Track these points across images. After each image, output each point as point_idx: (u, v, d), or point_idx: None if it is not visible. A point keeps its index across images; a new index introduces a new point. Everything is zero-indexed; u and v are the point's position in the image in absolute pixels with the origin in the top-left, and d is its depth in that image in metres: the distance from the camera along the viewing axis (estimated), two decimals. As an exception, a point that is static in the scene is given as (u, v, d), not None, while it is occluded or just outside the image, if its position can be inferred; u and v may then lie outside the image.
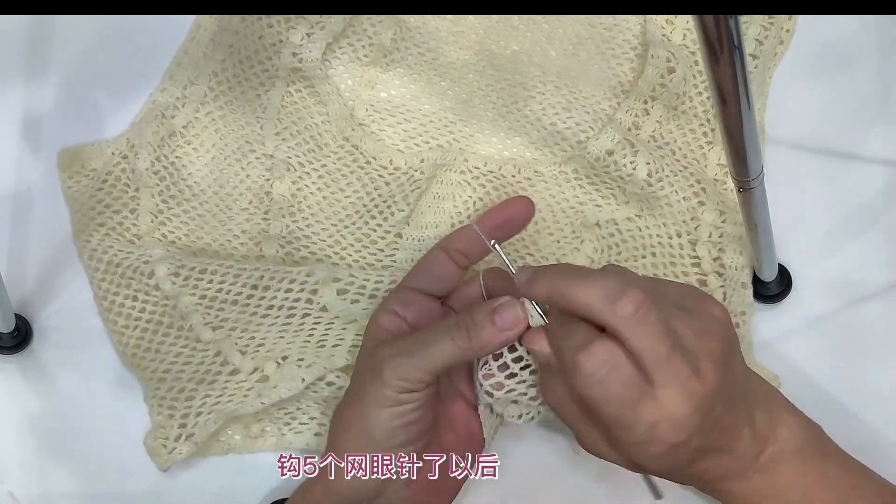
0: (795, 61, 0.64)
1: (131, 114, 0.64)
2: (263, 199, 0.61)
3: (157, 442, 0.55)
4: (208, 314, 0.57)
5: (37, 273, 0.61)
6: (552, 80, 0.63)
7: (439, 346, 0.46)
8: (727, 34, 0.39)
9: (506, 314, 0.46)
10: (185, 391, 0.55)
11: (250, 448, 0.57)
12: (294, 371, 0.54)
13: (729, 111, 0.43)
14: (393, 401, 0.47)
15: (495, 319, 0.46)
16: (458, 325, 0.46)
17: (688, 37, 0.63)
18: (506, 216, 0.52)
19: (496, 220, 0.52)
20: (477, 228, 0.51)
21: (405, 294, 0.52)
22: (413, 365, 0.46)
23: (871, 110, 0.63)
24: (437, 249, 0.53)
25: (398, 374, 0.46)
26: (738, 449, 0.46)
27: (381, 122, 0.63)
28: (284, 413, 0.57)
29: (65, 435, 0.57)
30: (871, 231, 0.61)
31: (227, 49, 0.63)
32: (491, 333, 0.46)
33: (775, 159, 0.61)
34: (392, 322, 0.51)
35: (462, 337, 0.46)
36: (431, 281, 0.52)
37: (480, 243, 0.51)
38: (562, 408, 0.47)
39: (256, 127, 0.62)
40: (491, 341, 0.46)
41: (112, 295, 0.58)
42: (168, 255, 0.58)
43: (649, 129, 0.61)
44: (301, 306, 0.56)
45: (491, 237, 0.49)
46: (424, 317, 0.51)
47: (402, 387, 0.46)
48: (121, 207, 0.61)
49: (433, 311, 0.52)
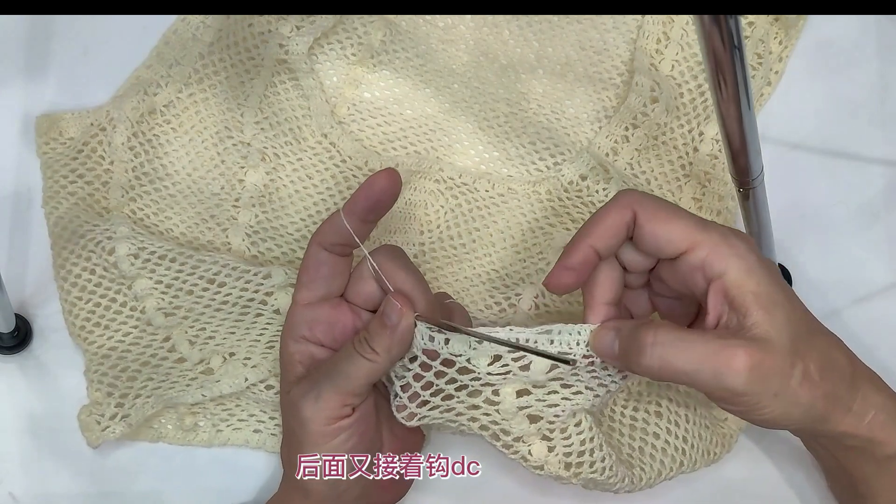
0: (795, 61, 0.64)
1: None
2: (235, 187, 0.61)
3: (91, 417, 0.54)
4: (163, 300, 0.57)
5: (37, 273, 0.60)
6: (536, 99, 0.63)
7: (353, 366, 0.46)
8: (727, 34, 0.39)
9: (390, 314, 0.46)
10: (128, 371, 0.55)
11: (181, 440, 0.56)
12: (239, 369, 0.54)
13: (729, 111, 0.44)
14: (327, 435, 0.47)
15: (384, 321, 0.46)
16: (360, 340, 0.47)
17: (675, 68, 0.63)
18: (373, 198, 0.48)
19: (363, 202, 0.48)
20: (345, 220, 0.48)
21: (305, 313, 0.49)
22: (329, 398, 0.46)
23: (871, 110, 0.64)
24: (314, 248, 0.49)
25: (319, 409, 0.46)
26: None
27: (362, 123, 0.63)
28: (222, 409, 0.56)
29: (65, 435, 0.57)
30: (871, 231, 0.61)
31: (216, 32, 0.63)
32: (388, 336, 0.46)
33: (775, 159, 0.61)
34: (301, 351, 0.49)
35: (365, 349, 0.46)
36: (324, 284, 0.49)
37: (356, 230, 0.48)
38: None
39: (237, 114, 0.62)
40: (392, 343, 0.46)
41: (70, 265, 0.58)
42: (131, 234, 0.58)
43: (627, 157, 0.61)
44: (255, 306, 0.56)
45: (363, 222, 0.48)
46: (337, 327, 0.49)
47: (328, 418, 0.46)
48: (93, 179, 0.61)
49: (342, 317, 0.50)
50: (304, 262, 0.49)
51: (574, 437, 0.48)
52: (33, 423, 0.57)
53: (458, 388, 0.47)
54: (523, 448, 0.48)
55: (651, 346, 0.43)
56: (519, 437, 0.48)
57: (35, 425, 0.57)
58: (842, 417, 0.45)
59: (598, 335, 0.46)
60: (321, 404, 0.46)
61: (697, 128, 0.62)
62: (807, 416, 0.44)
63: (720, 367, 0.42)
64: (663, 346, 0.43)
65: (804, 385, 0.43)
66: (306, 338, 0.49)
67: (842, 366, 0.45)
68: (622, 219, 0.46)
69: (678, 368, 0.43)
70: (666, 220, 0.45)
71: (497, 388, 0.47)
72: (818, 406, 0.44)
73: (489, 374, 0.46)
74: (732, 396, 0.43)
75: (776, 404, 0.43)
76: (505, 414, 0.47)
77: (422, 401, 0.48)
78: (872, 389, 0.46)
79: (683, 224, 0.45)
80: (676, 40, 0.63)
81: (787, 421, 0.44)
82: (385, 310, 0.47)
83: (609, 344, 0.45)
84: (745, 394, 0.43)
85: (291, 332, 0.49)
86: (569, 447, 0.49)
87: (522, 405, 0.47)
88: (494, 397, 0.47)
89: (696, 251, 0.44)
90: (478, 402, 0.47)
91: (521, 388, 0.47)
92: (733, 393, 0.43)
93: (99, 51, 0.66)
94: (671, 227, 0.45)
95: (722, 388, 0.43)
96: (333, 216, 0.49)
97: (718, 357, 0.42)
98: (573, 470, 0.49)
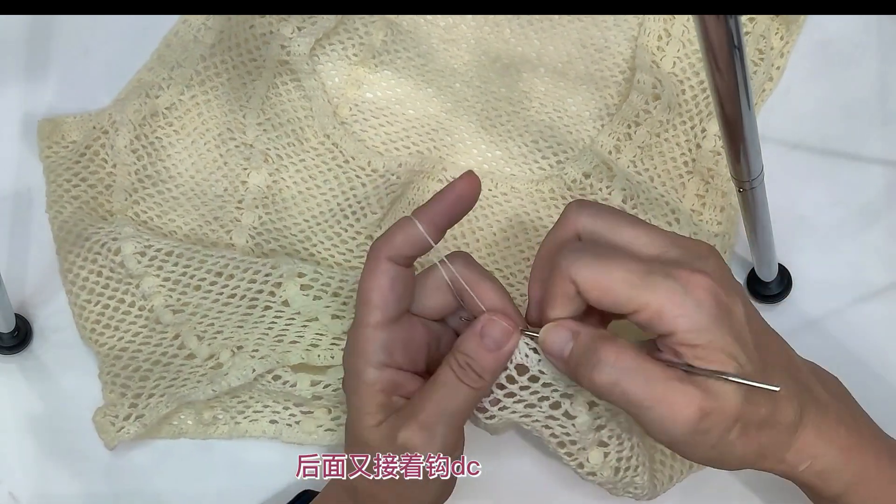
0: (795, 61, 0.64)
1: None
2: (238, 188, 0.61)
3: (106, 419, 0.55)
4: (170, 297, 0.57)
5: (37, 273, 0.61)
6: (538, 98, 0.63)
7: (459, 397, 0.45)
8: (727, 34, 0.39)
9: (495, 333, 0.45)
10: (140, 371, 0.56)
11: (202, 434, 0.57)
12: (247, 361, 0.54)
13: (729, 111, 0.43)
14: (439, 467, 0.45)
15: (488, 344, 0.45)
16: (463, 368, 0.44)
17: (677, 65, 0.63)
18: (453, 203, 0.46)
19: (443, 207, 0.45)
20: (423, 229, 0.45)
21: (382, 337, 0.45)
22: (445, 433, 0.45)
23: (871, 110, 0.63)
24: (385, 264, 0.45)
25: (438, 448, 0.45)
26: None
27: (364, 123, 0.63)
28: (238, 402, 0.57)
29: (65, 435, 0.57)
30: (871, 231, 0.61)
31: (217, 34, 0.63)
32: (494, 359, 0.45)
33: (775, 159, 0.61)
34: (385, 379, 0.46)
35: (473, 379, 0.44)
36: (398, 303, 0.45)
37: (425, 240, 0.45)
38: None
39: (239, 115, 0.62)
40: (494, 364, 0.45)
41: (77, 268, 0.58)
42: (136, 233, 0.58)
43: (630, 155, 0.61)
44: (263, 298, 0.56)
45: (437, 229, 0.45)
46: (412, 346, 0.47)
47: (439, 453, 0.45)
48: (96, 182, 0.61)
49: (415, 332, 0.47)
50: (371, 281, 0.45)
51: (626, 442, 0.49)
52: (33, 423, 0.58)
53: (541, 399, 0.47)
54: (583, 455, 0.48)
55: (610, 366, 0.42)
56: (583, 446, 0.48)
57: (35, 425, 0.58)
58: (775, 465, 0.44)
59: (551, 332, 0.44)
60: (437, 441, 0.45)
61: (700, 124, 0.62)
62: (740, 463, 0.44)
63: (669, 412, 0.41)
64: (622, 371, 0.41)
65: (741, 440, 0.42)
66: (386, 364, 0.45)
67: (786, 416, 0.43)
68: (565, 287, 0.43)
69: (629, 399, 0.42)
70: (605, 286, 0.42)
71: (573, 399, 0.47)
72: (749, 458, 0.43)
73: (569, 385, 0.46)
74: (670, 440, 0.42)
75: (711, 453, 0.43)
76: (580, 427, 0.47)
77: (501, 406, 0.47)
78: (814, 437, 0.44)
79: (621, 284, 0.42)
80: (678, 37, 0.63)
81: (720, 466, 0.44)
82: (486, 330, 0.45)
83: (561, 345, 0.43)
84: (683, 442, 0.42)
85: (368, 360, 0.45)
86: (620, 452, 0.49)
87: (595, 417, 0.47)
88: (572, 411, 0.47)
89: (641, 313, 0.41)
90: (556, 414, 0.47)
91: (590, 399, 0.47)
92: (671, 439, 0.42)
93: (99, 51, 0.66)
94: (609, 290, 0.42)
95: (663, 432, 0.42)
96: (404, 224, 0.45)
97: (672, 402, 0.41)
98: (621, 475, 0.49)
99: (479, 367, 0.45)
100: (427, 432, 0.45)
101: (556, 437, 0.48)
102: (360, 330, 0.45)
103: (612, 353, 0.42)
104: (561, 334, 0.43)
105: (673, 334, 0.41)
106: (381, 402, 0.45)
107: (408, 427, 0.45)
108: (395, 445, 0.45)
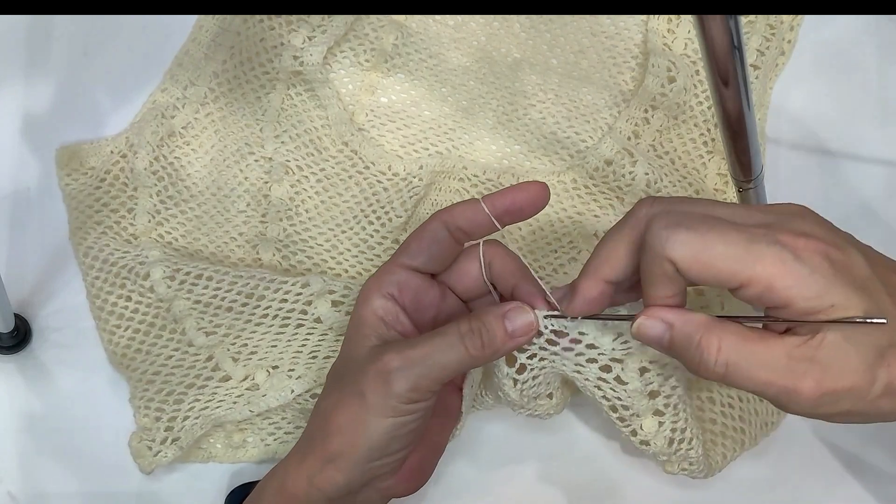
0: (796, 61, 0.64)
1: (131, 113, 0.64)
2: (261, 202, 0.61)
3: (142, 444, 0.55)
4: (202, 319, 0.57)
5: (36, 273, 0.61)
6: (553, 89, 0.63)
7: (452, 354, 0.44)
8: (727, 34, 0.39)
9: (518, 320, 0.45)
10: (174, 394, 0.55)
11: (231, 458, 0.57)
12: (284, 381, 0.54)
13: (729, 112, 0.43)
14: (399, 411, 0.45)
15: (507, 326, 0.45)
16: (472, 332, 0.45)
17: (689, 46, 0.63)
18: (517, 202, 0.47)
19: (506, 202, 0.47)
20: (487, 209, 0.47)
21: (400, 274, 0.48)
22: (424, 376, 0.44)
23: (871, 110, 0.63)
24: (437, 223, 0.47)
25: (409, 385, 0.44)
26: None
27: (381, 128, 0.63)
28: (269, 423, 0.57)
29: (64, 435, 0.57)
30: (871, 231, 0.60)
31: (228, 50, 0.63)
32: (503, 340, 0.45)
33: (775, 159, 0.61)
34: (388, 308, 0.48)
35: (475, 345, 0.44)
36: (429, 260, 0.48)
37: (487, 223, 0.47)
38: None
39: (256, 129, 0.62)
40: (502, 348, 0.45)
41: (105, 294, 0.58)
42: (165, 257, 0.58)
43: (649, 139, 0.61)
44: (295, 317, 0.56)
45: (497, 220, 0.47)
46: (422, 301, 0.48)
47: (411, 398, 0.45)
48: (118, 206, 0.61)
49: (430, 292, 0.49)
50: (420, 232, 0.48)
51: (682, 413, 0.48)
52: (32, 422, 0.58)
53: (589, 361, 0.47)
54: (636, 422, 0.48)
55: (713, 363, 0.40)
56: (636, 412, 0.48)
57: (34, 425, 0.58)
58: None
59: (644, 327, 0.42)
60: (412, 383, 0.44)
61: (717, 104, 0.62)
62: (892, 416, 0.41)
63: (788, 391, 0.39)
64: (727, 366, 0.40)
65: (884, 398, 0.39)
66: (394, 297, 0.48)
67: None
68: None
69: (743, 384, 0.40)
70: (706, 262, 0.39)
71: (623, 364, 0.47)
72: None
73: (613, 349, 0.46)
74: (801, 413, 0.40)
75: (852, 416, 0.40)
76: (632, 393, 0.47)
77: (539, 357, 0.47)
78: None
79: (723, 259, 0.39)
80: (687, 18, 0.63)
81: (866, 421, 0.41)
82: (511, 315, 0.45)
83: (658, 336, 0.42)
84: (814, 416, 0.40)
85: (380, 288, 0.48)
86: (675, 423, 0.49)
87: (648, 382, 0.47)
88: (624, 377, 0.47)
89: (749, 288, 0.39)
90: (607, 377, 0.47)
91: (641, 365, 0.47)
92: (801, 413, 0.40)
93: (99, 51, 0.66)
94: (711, 266, 0.39)
95: (790, 407, 0.40)
96: (472, 201, 0.47)
97: (786, 381, 0.39)
98: (675, 447, 0.49)
99: (486, 339, 0.45)
100: (409, 365, 0.44)
101: (608, 401, 0.48)
102: (386, 265, 0.48)
103: (713, 348, 0.40)
104: (656, 327, 0.42)
105: (788, 306, 0.39)
106: (376, 325, 0.47)
107: (394, 352, 0.45)
108: (377, 365, 0.45)
